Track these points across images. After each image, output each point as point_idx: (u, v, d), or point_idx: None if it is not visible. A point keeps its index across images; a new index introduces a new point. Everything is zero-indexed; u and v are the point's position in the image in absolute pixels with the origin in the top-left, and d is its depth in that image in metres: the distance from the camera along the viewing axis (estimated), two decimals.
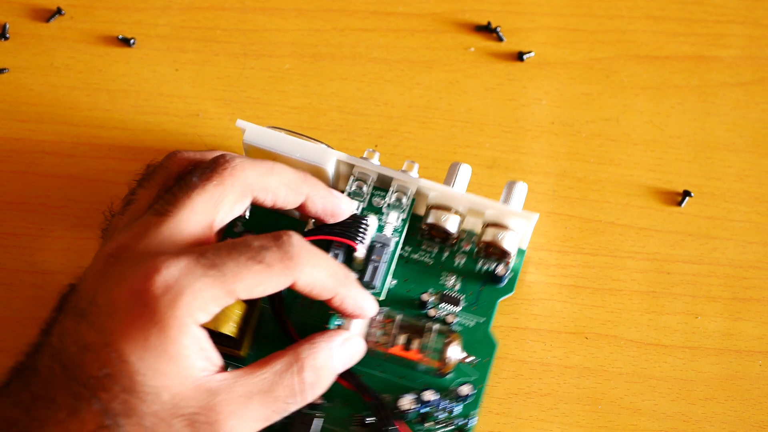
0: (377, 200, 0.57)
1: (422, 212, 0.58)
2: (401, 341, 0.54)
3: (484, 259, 0.58)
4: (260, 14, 0.67)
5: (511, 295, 0.58)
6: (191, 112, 0.64)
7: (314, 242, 0.53)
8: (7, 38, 0.65)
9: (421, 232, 0.58)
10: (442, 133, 0.64)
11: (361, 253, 0.55)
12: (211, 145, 0.62)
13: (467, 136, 0.64)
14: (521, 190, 0.57)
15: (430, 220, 0.57)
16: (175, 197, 0.49)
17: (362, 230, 0.55)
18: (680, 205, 0.62)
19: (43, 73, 0.65)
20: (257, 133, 0.56)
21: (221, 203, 0.49)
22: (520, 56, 0.66)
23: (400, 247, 0.57)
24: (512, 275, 0.58)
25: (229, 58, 0.65)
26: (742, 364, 0.58)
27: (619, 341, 0.58)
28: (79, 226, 0.60)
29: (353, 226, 0.55)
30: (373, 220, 0.56)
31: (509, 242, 0.56)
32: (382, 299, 0.55)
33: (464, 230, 0.59)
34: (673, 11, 0.67)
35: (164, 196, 0.49)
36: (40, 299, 0.58)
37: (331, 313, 0.54)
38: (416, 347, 0.54)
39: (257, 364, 0.49)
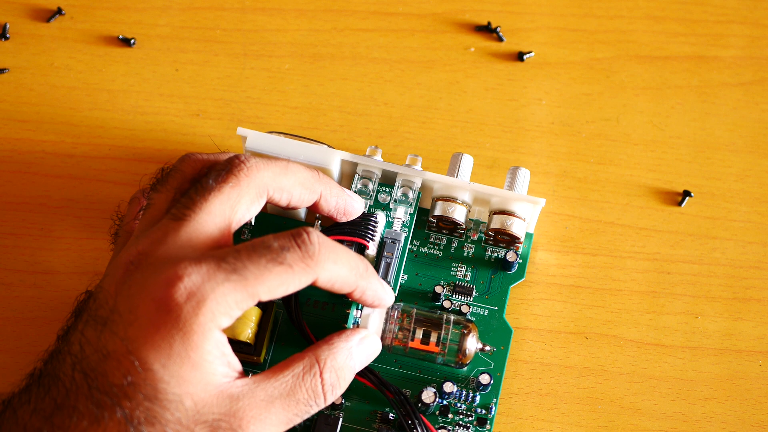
0: (383, 196, 0.57)
1: (427, 206, 0.59)
2: (419, 335, 0.54)
3: (492, 247, 0.58)
4: (260, 14, 0.67)
5: (522, 280, 0.59)
6: (191, 112, 0.64)
7: None
8: (7, 38, 0.65)
9: (428, 224, 0.58)
10: (442, 133, 0.64)
11: (372, 250, 0.55)
12: (210, 145, 0.62)
13: (467, 136, 0.64)
14: (524, 175, 0.57)
15: (437, 212, 0.57)
16: (192, 201, 0.48)
17: (372, 227, 0.55)
18: (680, 205, 0.62)
19: (43, 73, 0.65)
20: (259, 139, 0.56)
21: (238, 204, 0.49)
22: (520, 56, 0.66)
23: (409, 241, 0.57)
24: (521, 261, 0.59)
25: (229, 58, 0.65)
26: (742, 364, 0.58)
27: (619, 341, 0.58)
28: (79, 226, 0.60)
29: (363, 224, 0.55)
30: (381, 216, 0.56)
31: (518, 227, 0.56)
32: (395, 295, 0.55)
33: (471, 220, 0.59)
34: (673, 11, 0.67)
35: (181, 200, 0.49)
36: (40, 299, 0.58)
37: (348, 312, 0.55)
38: (434, 340, 0.54)
39: (277, 367, 0.49)
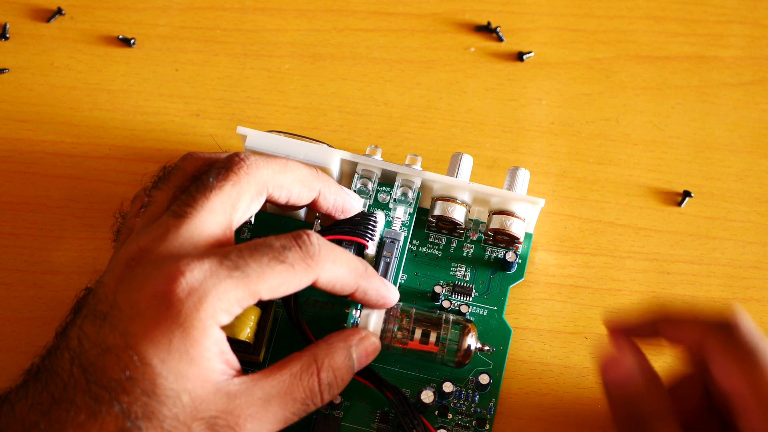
0: (383, 196, 0.57)
1: (427, 206, 0.59)
2: (418, 335, 0.54)
3: (492, 247, 0.58)
4: (260, 14, 0.67)
5: (522, 280, 0.59)
6: (191, 112, 0.64)
7: None
8: (7, 38, 0.65)
9: (428, 224, 0.58)
10: (442, 133, 0.64)
11: (371, 250, 0.55)
12: (211, 144, 0.62)
13: (467, 136, 0.64)
14: (524, 175, 0.57)
15: (437, 212, 0.57)
16: (192, 198, 0.49)
17: (371, 227, 0.55)
18: (680, 205, 0.62)
19: (43, 73, 0.65)
20: (259, 138, 0.56)
21: (238, 202, 0.49)
22: (520, 56, 0.66)
23: (408, 241, 0.57)
24: (521, 261, 0.59)
25: (229, 58, 0.65)
26: None
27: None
28: (79, 226, 0.60)
29: (362, 223, 0.55)
30: (380, 216, 0.56)
31: (517, 227, 0.56)
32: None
33: (470, 220, 0.59)
34: (673, 11, 0.67)
35: (181, 197, 0.49)
36: (40, 299, 0.58)
37: (347, 311, 0.55)
38: (433, 340, 0.54)
39: (275, 366, 0.49)
